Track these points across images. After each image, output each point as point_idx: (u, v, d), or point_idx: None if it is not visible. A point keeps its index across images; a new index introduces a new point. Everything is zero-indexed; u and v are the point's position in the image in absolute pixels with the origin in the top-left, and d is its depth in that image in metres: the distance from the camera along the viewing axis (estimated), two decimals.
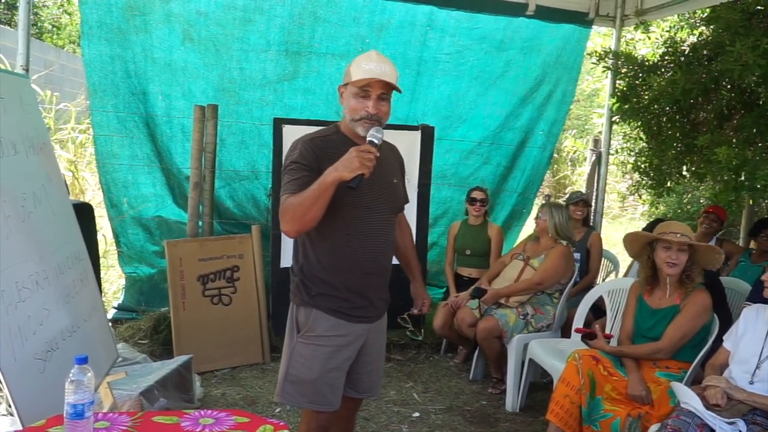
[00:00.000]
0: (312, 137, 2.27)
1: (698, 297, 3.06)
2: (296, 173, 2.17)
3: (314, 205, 2.06)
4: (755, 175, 3.89)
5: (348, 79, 2.21)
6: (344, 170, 2.02)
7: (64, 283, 2.55)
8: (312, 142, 2.25)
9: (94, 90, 4.55)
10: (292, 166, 2.19)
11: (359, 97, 2.18)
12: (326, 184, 2.04)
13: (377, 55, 2.21)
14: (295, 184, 2.15)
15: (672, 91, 4.17)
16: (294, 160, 2.19)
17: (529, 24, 5.25)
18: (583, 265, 4.72)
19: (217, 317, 4.31)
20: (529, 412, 3.90)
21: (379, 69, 2.17)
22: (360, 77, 2.16)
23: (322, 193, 2.05)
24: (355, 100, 2.19)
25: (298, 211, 2.08)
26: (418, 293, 2.72)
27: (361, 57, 2.21)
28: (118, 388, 3.00)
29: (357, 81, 2.16)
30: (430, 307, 2.74)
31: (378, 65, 2.17)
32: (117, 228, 4.86)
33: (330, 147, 2.23)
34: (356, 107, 2.19)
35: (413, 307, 2.72)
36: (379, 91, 2.18)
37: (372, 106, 2.18)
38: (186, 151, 4.73)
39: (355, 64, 2.20)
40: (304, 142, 2.24)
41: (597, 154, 5.79)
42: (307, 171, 2.17)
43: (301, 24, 4.83)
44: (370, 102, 2.18)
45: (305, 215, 2.08)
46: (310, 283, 2.30)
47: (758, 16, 4.15)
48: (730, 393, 2.59)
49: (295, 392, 2.32)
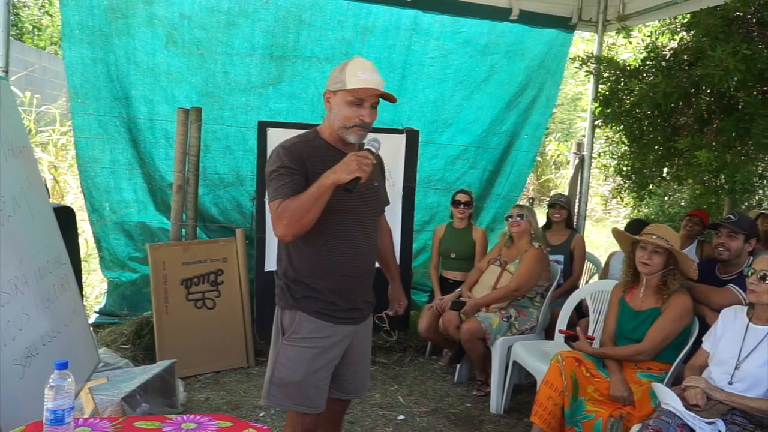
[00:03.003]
0: (294, 142, 2.30)
1: (679, 299, 3.10)
2: (285, 177, 2.18)
3: (313, 208, 2.11)
4: (734, 177, 3.95)
5: (341, 86, 2.22)
6: (342, 173, 2.09)
7: (45, 288, 2.52)
8: (295, 146, 2.27)
9: (75, 93, 4.49)
10: (281, 170, 2.19)
11: (353, 105, 2.21)
12: (325, 186, 2.10)
13: (369, 64, 2.25)
14: (286, 188, 2.16)
15: (653, 95, 4.22)
16: (281, 165, 2.20)
17: (513, 28, 5.29)
18: (566, 267, 4.75)
19: (200, 321, 4.28)
20: (513, 414, 3.92)
21: (374, 78, 2.22)
22: (357, 86, 2.19)
23: (321, 195, 2.10)
24: (349, 108, 2.21)
25: (296, 215, 2.12)
26: (395, 295, 2.76)
27: (354, 65, 2.23)
28: (99, 393, 2.97)
29: (354, 90, 2.19)
30: (406, 308, 2.78)
31: (372, 74, 2.22)
32: (98, 233, 4.81)
33: (313, 152, 2.26)
34: (350, 115, 2.22)
35: (389, 308, 2.76)
36: (374, 100, 2.23)
37: (367, 115, 2.23)
38: (169, 157, 4.67)
39: (349, 73, 2.21)
40: (287, 147, 2.26)
41: (580, 158, 5.84)
42: (296, 175, 2.19)
43: (286, 27, 4.82)
44: (364, 111, 2.22)
45: (303, 218, 2.12)
46: (294, 286, 2.32)
47: (737, 22, 4.21)
48: (709, 393, 2.62)
49: (281, 395, 2.33)
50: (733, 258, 3.44)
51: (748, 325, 2.75)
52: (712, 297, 3.31)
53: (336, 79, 2.24)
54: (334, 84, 2.25)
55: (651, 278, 3.16)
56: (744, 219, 3.53)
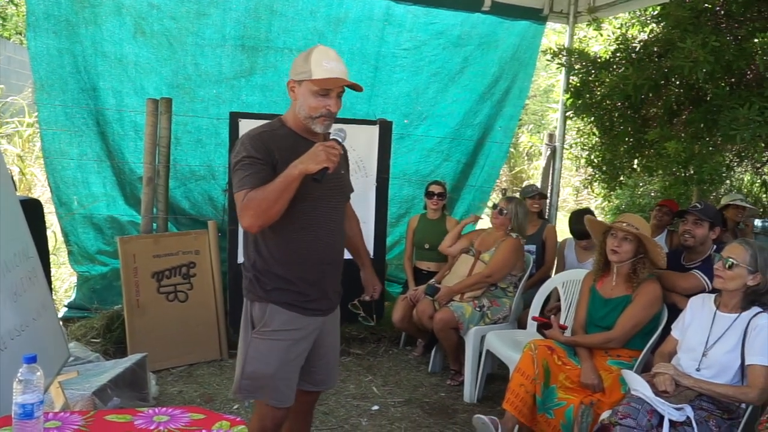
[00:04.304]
0: (260, 131, 2.27)
1: (649, 287, 3.16)
2: (251, 168, 2.16)
3: (280, 199, 2.09)
4: (702, 168, 4.03)
5: (306, 76, 2.20)
6: (310, 163, 2.08)
7: (12, 282, 2.47)
8: (261, 136, 2.24)
9: (41, 85, 4.38)
10: (246, 161, 2.17)
11: (319, 95, 2.20)
12: (292, 176, 2.08)
13: (334, 53, 2.23)
14: (252, 178, 2.14)
15: (623, 87, 4.27)
16: (247, 155, 2.18)
17: (485, 20, 5.31)
18: (538, 257, 4.80)
19: (173, 314, 4.24)
20: (486, 403, 3.95)
21: (339, 68, 2.20)
22: (323, 76, 2.17)
23: (288, 185, 2.09)
24: (315, 98, 2.20)
25: (263, 205, 2.09)
26: (368, 280, 2.74)
27: (318, 54, 2.21)
28: (70, 387, 2.92)
29: (320, 81, 2.17)
30: (381, 296, 2.76)
31: (338, 64, 2.21)
32: (66, 227, 4.70)
33: (279, 141, 2.24)
34: (316, 106, 2.20)
35: (364, 293, 2.75)
36: (339, 90, 2.22)
37: (333, 105, 2.22)
38: (139, 150, 4.59)
39: (314, 62, 2.18)
40: (253, 137, 2.24)
41: (552, 149, 5.89)
42: (262, 164, 2.17)
43: (258, 18, 4.76)
44: (331, 101, 2.21)
45: (270, 209, 2.10)
46: (264, 278, 2.30)
47: (706, 14, 4.27)
48: (678, 380, 2.68)
49: (253, 387, 2.33)
50: (698, 245, 3.54)
51: (716, 313, 2.80)
52: (677, 282, 3.42)
53: (300, 69, 2.22)
54: (298, 74, 2.23)
55: (621, 266, 3.22)
56: (709, 207, 3.64)
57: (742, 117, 3.64)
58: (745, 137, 3.64)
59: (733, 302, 2.77)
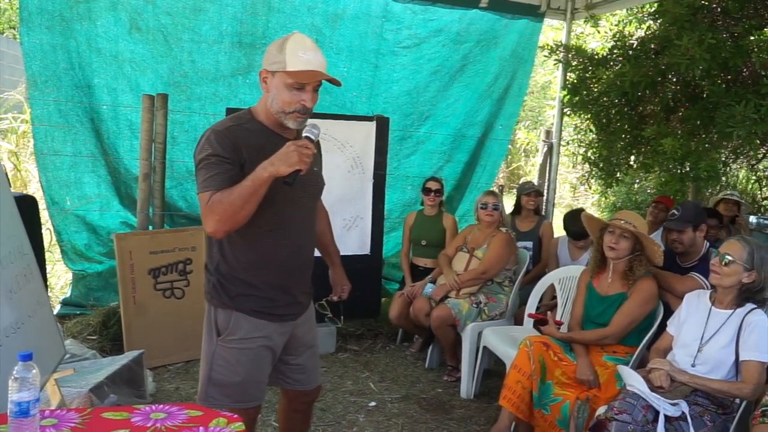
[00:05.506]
0: (227, 126, 2.07)
1: (645, 285, 3.16)
2: (217, 167, 1.97)
3: (248, 203, 1.92)
4: (698, 165, 4.03)
5: (280, 67, 2.00)
6: (281, 165, 1.90)
7: (7, 279, 2.46)
8: (228, 131, 2.04)
9: (34, 81, 4.33)
10: (212, 159, 1.98)
11: (294, 89, 2.01)
12: (261, 179, 1.91)
13: (311, 43, 2.04)
14: (218, 179, 1.96)
15: (620, 83, 4.28)
16: (213, 153, 1.99)
17: (484, 17, 5.31)
18: (535, 253, 4.80)
19: (169, 311, 4.23)
20: (483, 399, 3.96)
21: (317, 59, 2.02)
22: (298, 68, 1.99)
23: (257, 189, 1.92)
24: (289, 92, 2.01)
25: (229, 210, 1.92)
26: (337, 280, 2.62)
27: (294, 43, 2.01)
28: (66, 385, 2.92)
29: (295, 73, 1.99)
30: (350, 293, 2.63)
31: (315, 55, 2.02)
32: (59, 227, 4.64)
33: (248, 138, 2.06)
34: (290, 100, 2.02)
35: (332, 293, 2.63)
36: (316, 84, 2.04)
37: (309, 100, 2.03)
38: (134, 149, 4.52)
39: (289, 52, 1.99)
40: (219, 132, 2.03)
41: (549, 146, 5.90)
42: (229, 164, 1.99)
43: (255, 14, 4.74)
44: (306, 95, 2.02)
45: (237, 214, 1.93)
46: (228, 283, 2.15)
47: (703, 11, 4.28)
48: (673, 375, 2.69)
49: (220, 395, 2.21)
50: (688, 248, 3.45)
51: (711, 309, 2.81)
52: (675, 285, 3.34)
53: (274, 59, 2.02)
54: (271, 63, 2.03)
55: (618, 263, 3.22)
56: (687, 210, 3.46)
57: (738, 114, 3.65)
58: (741, 134, 3.66)
59: (728, 299, 2.77)
